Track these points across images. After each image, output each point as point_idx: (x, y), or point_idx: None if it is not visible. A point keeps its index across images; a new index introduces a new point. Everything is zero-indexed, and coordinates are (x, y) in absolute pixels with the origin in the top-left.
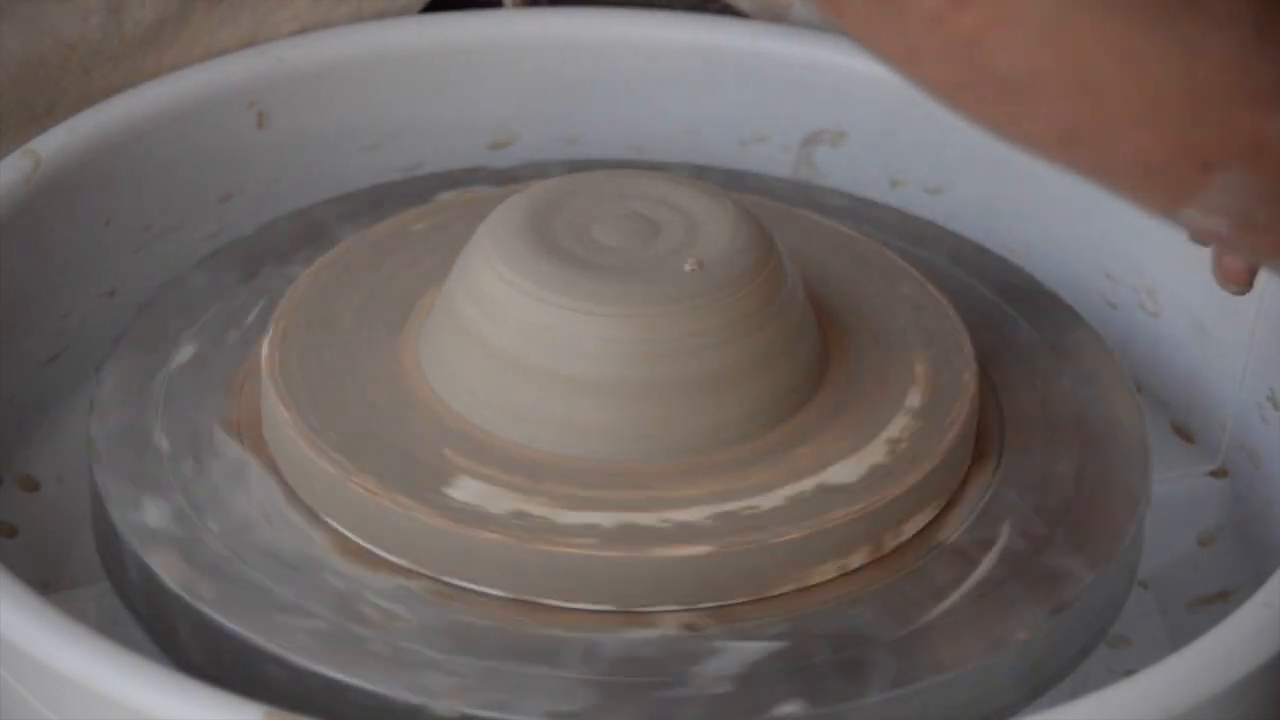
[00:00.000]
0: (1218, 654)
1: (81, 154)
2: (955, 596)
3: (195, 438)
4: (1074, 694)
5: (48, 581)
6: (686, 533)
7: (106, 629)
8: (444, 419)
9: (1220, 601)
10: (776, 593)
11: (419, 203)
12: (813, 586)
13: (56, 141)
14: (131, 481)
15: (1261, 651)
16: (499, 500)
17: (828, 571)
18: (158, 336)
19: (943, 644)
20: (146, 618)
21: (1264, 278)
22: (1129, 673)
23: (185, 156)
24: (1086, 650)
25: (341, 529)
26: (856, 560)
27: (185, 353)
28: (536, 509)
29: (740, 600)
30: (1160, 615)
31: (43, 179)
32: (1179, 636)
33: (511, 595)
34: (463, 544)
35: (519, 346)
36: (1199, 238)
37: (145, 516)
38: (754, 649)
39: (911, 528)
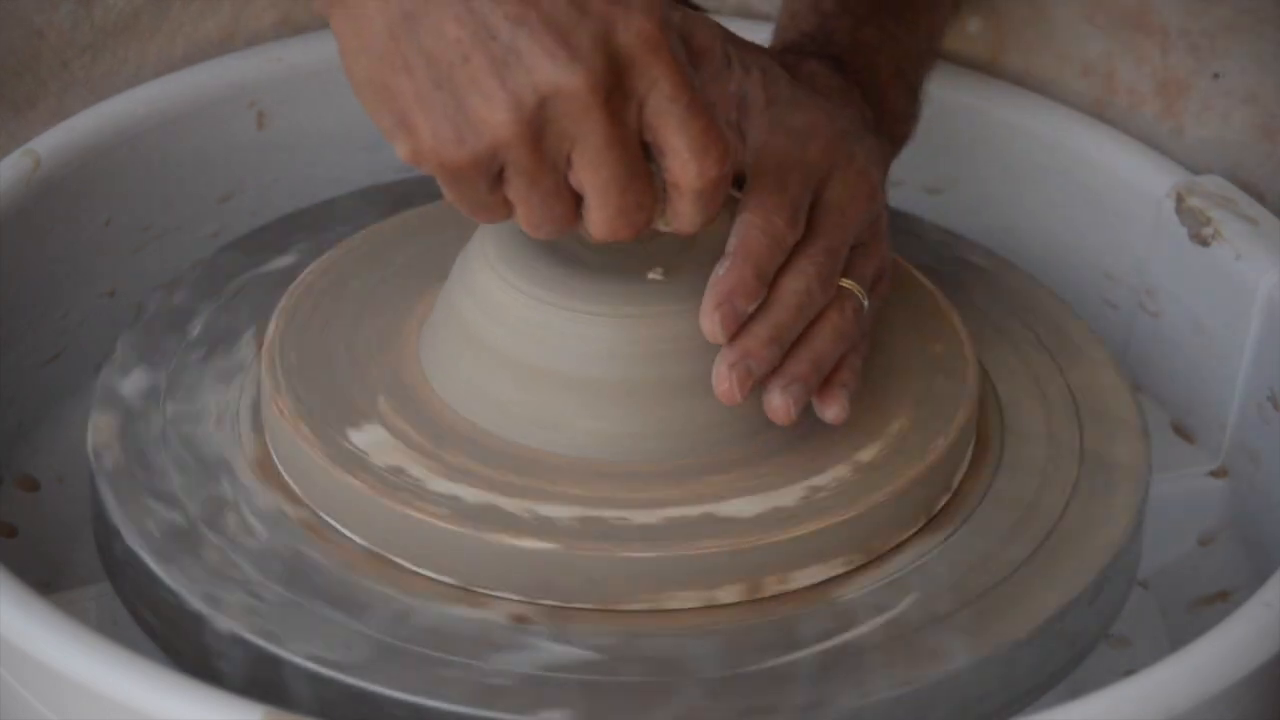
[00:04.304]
0: (1218, 654)
1: (81, 154)
2: (953, 597)
3: (195, 438)
4: (1074, 694)
5: (48, 581)
6: (622, 533)
7: (106, 629)
8: (410, 378)
9: (1220, 601)
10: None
11: (418, 202)
12: (801, 590)
13: (56, 141)
14: (132, 481)
15: (1261, 651)
16: (386, 453)
17: (815, 573)
18: (158, 336)
19: (943, 645)
20: (146, 618)
21: (1260, 279)
22: (1129, 673)
23: (185, 156)
24: (1086, 650)
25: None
26: (845, 560)
27: (184, 353)
28: (416, 469)
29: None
30: (1160, 615)
31: (43, 179)
32: (1179, 636)
33: (370, 546)
34: (337, 484)
35: (517, 346)
36: None
37: (145, 516)
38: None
39: (908, 529)
